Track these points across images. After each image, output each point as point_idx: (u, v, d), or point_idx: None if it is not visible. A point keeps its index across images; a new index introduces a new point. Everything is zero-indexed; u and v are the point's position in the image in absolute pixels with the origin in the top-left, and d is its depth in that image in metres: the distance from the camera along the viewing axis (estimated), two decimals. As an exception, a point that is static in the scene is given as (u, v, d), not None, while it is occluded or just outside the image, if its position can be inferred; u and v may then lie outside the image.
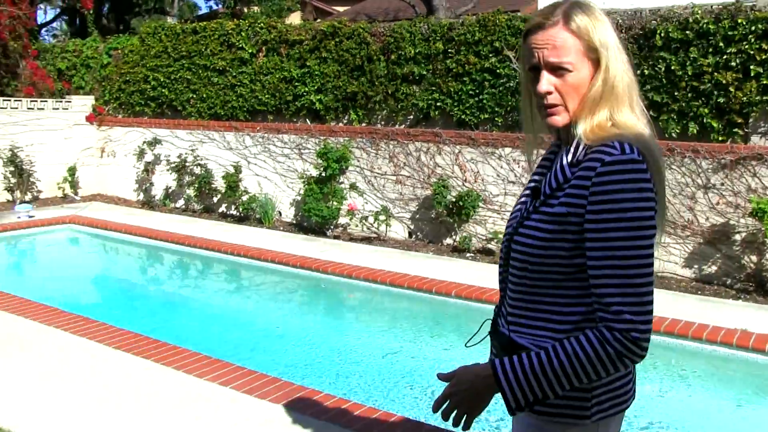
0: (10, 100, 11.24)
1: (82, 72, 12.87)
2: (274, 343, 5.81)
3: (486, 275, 6.80)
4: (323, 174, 9.01)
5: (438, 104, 8.59)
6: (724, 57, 6.64)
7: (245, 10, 20.76)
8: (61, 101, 11.91)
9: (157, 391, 4.08)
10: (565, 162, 1.60)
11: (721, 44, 6.65)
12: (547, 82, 1.58)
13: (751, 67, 6.54)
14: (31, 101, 11.47)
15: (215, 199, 10.61)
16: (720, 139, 6.79)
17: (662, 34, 6.92)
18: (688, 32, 6.82)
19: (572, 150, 1.59)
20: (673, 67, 6.86)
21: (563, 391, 1.55)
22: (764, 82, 6.51)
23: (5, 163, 10.93)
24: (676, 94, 6.91)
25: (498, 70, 8.09)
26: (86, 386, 4.15)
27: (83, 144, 12.10)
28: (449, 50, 8.45)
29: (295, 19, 21.20)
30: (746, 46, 6.54)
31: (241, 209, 10.02)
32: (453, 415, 1.64)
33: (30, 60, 12.26)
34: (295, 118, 10.07)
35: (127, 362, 4.54)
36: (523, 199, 1.76)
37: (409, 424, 3.59)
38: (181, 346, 4.80)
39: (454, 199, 7.98)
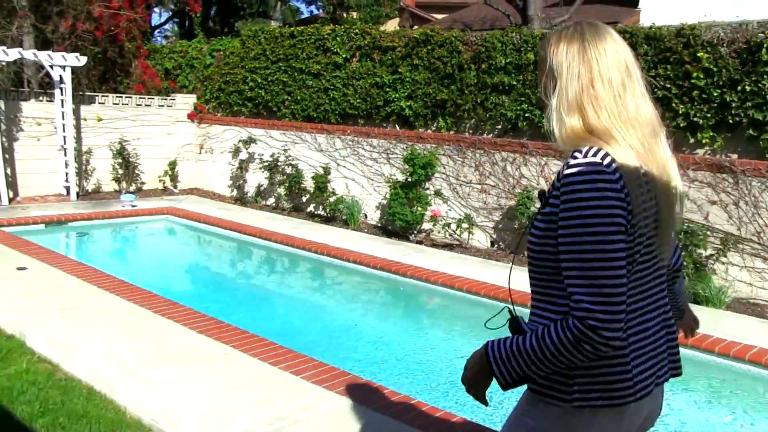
0: (122, 97, 11.91)
1: (187, 72, 13.49)
2: (349, 339, 5.95)
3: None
4: (409, 179, 9.11)
5: (526, 115, 8.54)
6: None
7: (344, 15, 21.18)
8: (166, 99, 12.53)
9: (233, 374, 4.27)
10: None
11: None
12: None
13: None
14: (140, 98, 12.12)
15: (304, 199, 10.90)
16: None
17: (769, 49, 6.66)
18: (800, 47, 6.53)
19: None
20: (778, 84, 6.60)
21: (542, 371, 1.69)
22: None
23: (114, 155, 11.59)
24: (780, 112, 6.64)
25: (589, 82, 7.96)
26: (167, 364, 4.39)
27: (184, 140, 12.68)
28: (541, 61, 8.38)
29: (392, 25, 21.46)
30: None
31: (328, 210, 10.26)
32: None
33: (141, 59, 12.96)
34: (385, 123, 10.22)
35: (208, 346, 4.77)
36: None
37: (470, 426, 3.63)
38: (259, 335, 4.99)
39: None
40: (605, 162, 1.63)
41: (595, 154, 1.63)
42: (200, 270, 8.73)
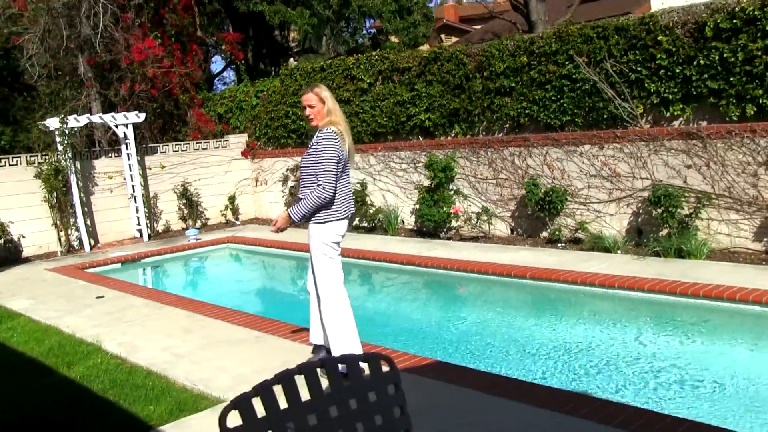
0: (180, 144, 13.38)
1: (237, 114, 14.91)
2: (381, 319, 6.94)
3: (568, 259, 7.54)
4: (432, 183, 10.08)
5: (526, 111, 9.42)
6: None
7: (385, 40, 22.39)
8: (220, 141, 13.94)
9: (261, 350, 5.36)
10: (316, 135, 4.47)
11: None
12: (307, 110, 4.73)
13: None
14: (197, 143, 13.56)
15: (349, 214, 11.96)
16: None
17: (712, 26, 7.38)
18: (735, 21, 7.23)
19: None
20: (725, 55, 7.28)
21: (312, 213, 4.61)
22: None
23: (179, 196, 13.03)
24: (731, 79, 7.31)
25: (574, 76, 8.80)
26: (210, 349, 5.52)
27: (240, 176, 14.05)
28: (532, 62, 9.28)
29: (433, 44, 22.48)
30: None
31: (368, 221, 11.31)
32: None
33: (196, 108, 14.43)
34: (410, 136, 11.24)
35: (245, 334, 5.88)
36: None
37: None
38: (286, 322, 6.10)
39: (543, 196, 8.74)
40: (333, 132, 4.53)
41: (330, 130, 4.52)
42: (253, 284, 9.95)
